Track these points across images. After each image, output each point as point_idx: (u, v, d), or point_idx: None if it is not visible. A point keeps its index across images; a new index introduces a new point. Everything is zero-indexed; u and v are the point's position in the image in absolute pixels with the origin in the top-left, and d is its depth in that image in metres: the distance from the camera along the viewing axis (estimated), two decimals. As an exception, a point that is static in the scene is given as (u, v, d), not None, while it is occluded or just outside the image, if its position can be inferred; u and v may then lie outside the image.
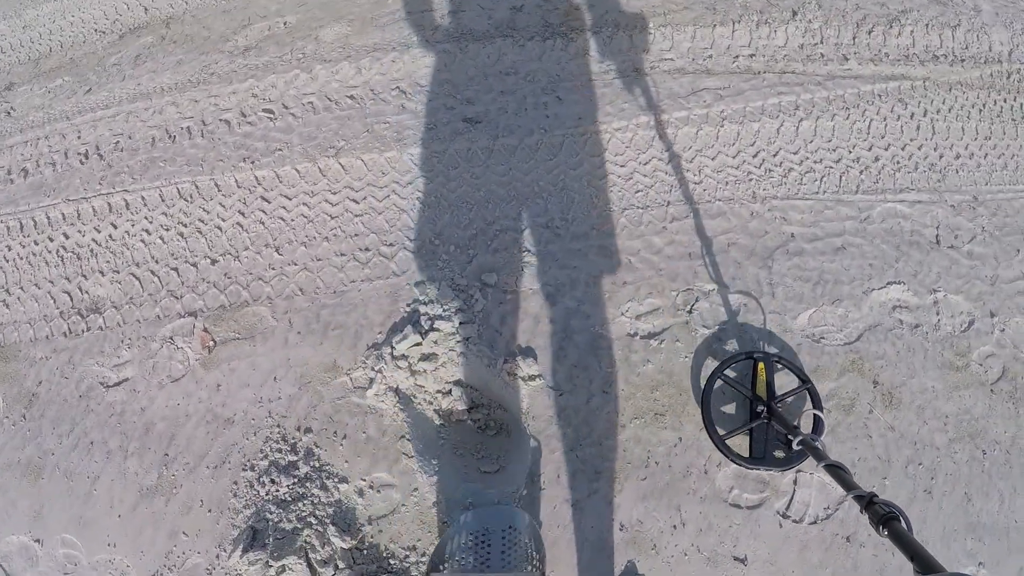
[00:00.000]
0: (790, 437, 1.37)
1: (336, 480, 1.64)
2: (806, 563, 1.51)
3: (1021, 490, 1.65)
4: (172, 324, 1.96)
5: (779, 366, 1.65)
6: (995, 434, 1.70)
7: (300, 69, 2.25)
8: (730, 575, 1.50)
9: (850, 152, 1.95)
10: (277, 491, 1.66)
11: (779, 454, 1.57)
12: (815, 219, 1.84)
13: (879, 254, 1.84)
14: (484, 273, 1.75)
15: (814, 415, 1.56)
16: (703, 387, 1.60)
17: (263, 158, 2.06)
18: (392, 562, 1.56)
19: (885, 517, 0.97)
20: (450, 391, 1.64)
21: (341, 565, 1.56)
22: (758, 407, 1.57)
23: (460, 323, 1.67)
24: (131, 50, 2.66)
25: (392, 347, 1.67)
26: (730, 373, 1.63)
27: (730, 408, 1.66)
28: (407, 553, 1.56)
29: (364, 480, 1.63)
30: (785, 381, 1.65)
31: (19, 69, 2.85)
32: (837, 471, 1.13)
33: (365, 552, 1.59)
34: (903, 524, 0.97)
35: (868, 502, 1.02)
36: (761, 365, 1.61)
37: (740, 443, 1.58)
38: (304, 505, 1.63)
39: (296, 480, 1.66)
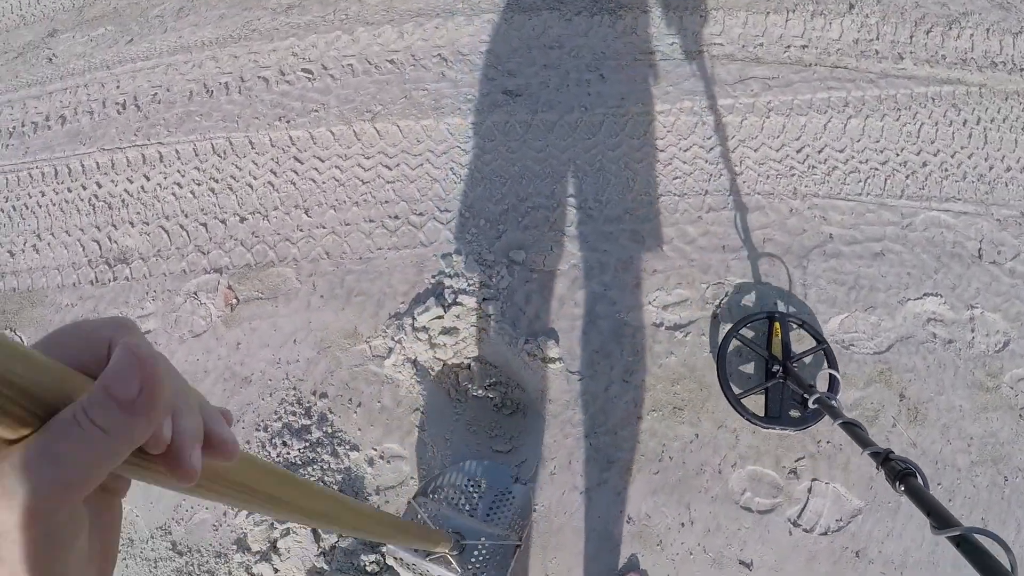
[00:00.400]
0: (806, 396, 1.32)
1: (347, 447, 1.63)
2: (813, 574, 1.47)
3: (1041, 518, 1.59)
4: (197, 279, 1.96)
5: (795, 326, 1.60)
6: (1019, 461, 1.64)
7: (342, 30, 2.21)
8: (735, 578, 1.47)
9: (897, 155, 1.87)
10: (288, 454, 1.66)
11: (794, 413, 1.53)
12: (856, 221, 1.76)
13: (918, 263, 1.76)
14: (512, 250, 1.71)
15: (830, 375, 1.52)
16: (719, 345, 1.56)
17: (299, 118, 2.03)
18: (398, 532, 1.55)
19: (902, 473, 0.93)
20: (469, 366, 1.61)
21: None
22: (774, 367, 1.52)
23: (484, 299, 1.63)
24: (174, 2, 2.63)
25: (414, 318, 1.64)
26: (747, 333, 1.60)
27: (747, 368, 1.62)
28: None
29: (375, 450, 1.62)
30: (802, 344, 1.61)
31: (63, 16, 2.85)
32: (853, 428, 1.09)
33: (372, 520, 1.57)
34: (919, 480, 0.93)
35: (884, 458, 0.98)
36: (777, 325, 1.57)
37: (756, 403, 1.54)
38: (313, 470, 1.62)
39: (308, 444, 1.65)
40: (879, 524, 1.54)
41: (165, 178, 2.16)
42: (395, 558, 1.46)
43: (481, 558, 1.31)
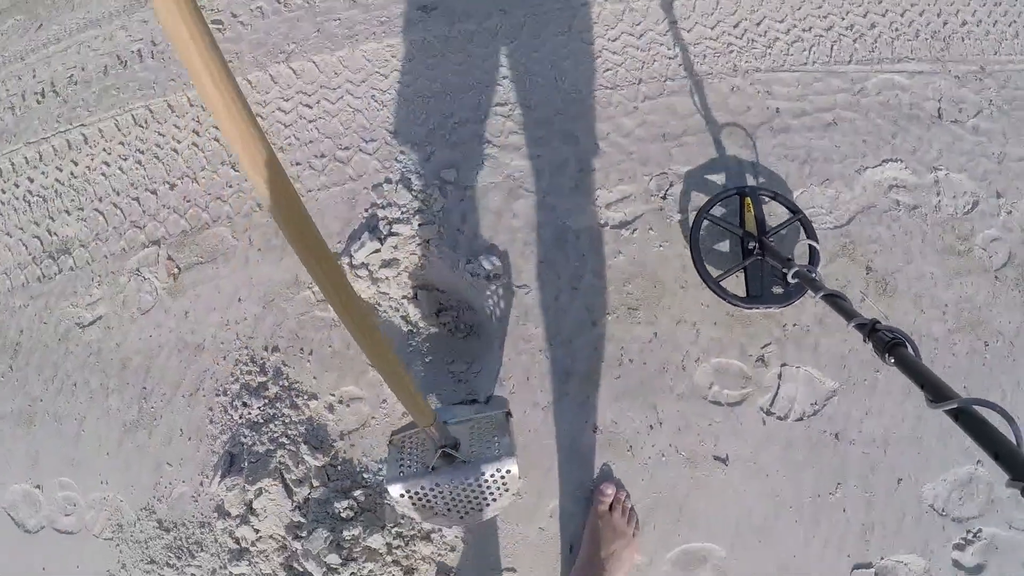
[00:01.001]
0: (785, 270, 1.23)
1: (306, 398, 1.56)
2: (791, 462, 1.40)
3: (1025, 384, 1.51)
4: (137, 255, 1.87)
5: (767, 199, 1.51)
6: (998, 324, 1.55)
7: (247, -23, 2.06)
8: (710, 476, 1.40)
9: (843, 19, 1.73)
10: (249, 414, 1.59)
11: (777, 290, 1.45)
12: (803, 92, 1.64)
13: (874, 129, 1.65)
14: (443, 170, 1.60)
15: (809, 246, 1.43)
16: (690, 229, 1.46)
17: (212, 73, 1.90)
18: (366, 476, 1.49)
19: (891, 344, 0.84)
20: (415, 296, 1.52)
21: (316, 483, 1.49)
22: (750, 244, 1.43)
23: (419, 225, 1.53)
24: (79, -21, 2.48)
25: (351, 256, 1.55)
26: (717, 213, 1.51)
27: (723, 247, 1.54)
28: (380, 466, 1.48)
29: (333, 395, 1.55)
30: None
31: (-29, 14, 2.70)
32: (836, 300, 1.01)
33: (339, 468, 1.51)
34: (910, 350, 0.84)
35: (871, 329, 0.89)
36: (748, 200, 1.47)
37: (735, 285, 1.46)
38: (276, 426, 1.56)
39: (266, 401, 1.58)
40: (856, 404, 1.46)
41: (92, 159, 2.05)
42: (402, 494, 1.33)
43: (478, 434, 1.21)
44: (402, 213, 1.55)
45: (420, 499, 1.23)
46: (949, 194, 1.65)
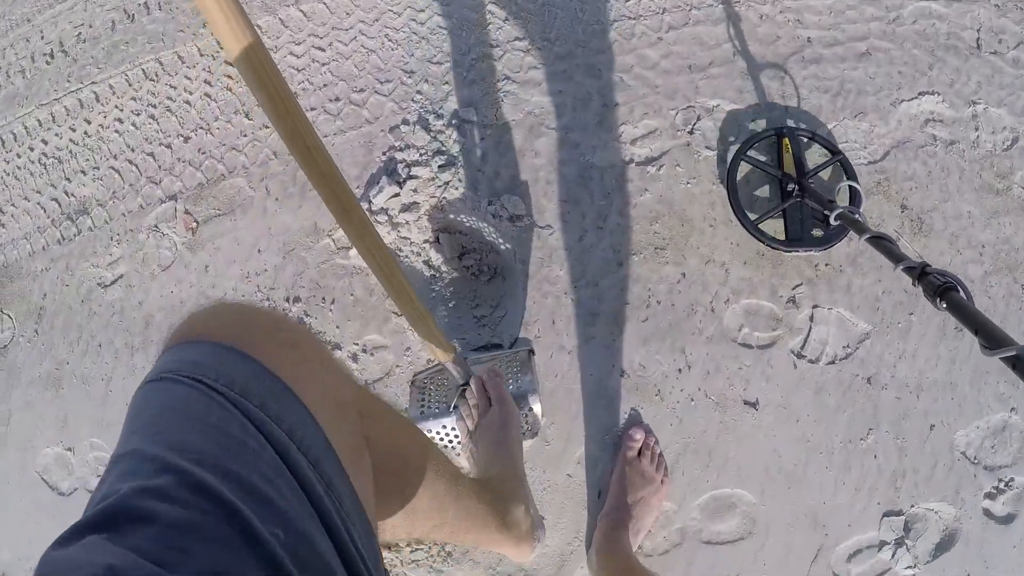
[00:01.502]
0: (826, 212, 1.18)
1: (330, 348, 1.53)
2: (822, 406, 1.36)
3: (1063, 330, 1.45)
4: (155, 211, 1.84)
5: (806, 140, 1.44)
6: None
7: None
8: (740, 420, 1.36)
9: (877, -56, 1.63)
10: (274, 366, 1.58)
11: (817, 233, 1.39)
12: (835, 21, 1.55)
13: (909, 60, 1.56)
14: (462, 108, 1.54)
15: (850, 187, 1.37)
16: (727, 170, 1.40)
17: (222, 21, 1.84)
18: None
19: (942, 287, 0.79)
20: (437, 240, 1.48)
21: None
22: (788, 186, 1.37)
23: (439, 166, 1.48)
24: (82, -66, 2.41)
25: (370, 202, 1.51)
26: (755, 156, 1.46)
27: (761, 191, 1.48)
28: (403, 411, 1.46)
29: (357, 344, 1.52)
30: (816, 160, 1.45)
31: (-23, -24, 2.64)
32: (883, 243, 0.95)
33: (364, 417, 1.50)
34: (962, 294, 0.79)
35: (921, 272, 0.84)
36: (786, 141, 1.40)
37: (774, 228, 1.41)
38: (301, 377, 1.54)
39: (290, 351, 1.56)
40: (889, 347, 1.41)
41: (105, 117, 2.02)
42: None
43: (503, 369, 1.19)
44: (421, 155, 1.50)
45: (442, 438, 1.22)
46: (988, 129, 1.57)
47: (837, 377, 1.39)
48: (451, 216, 1.46)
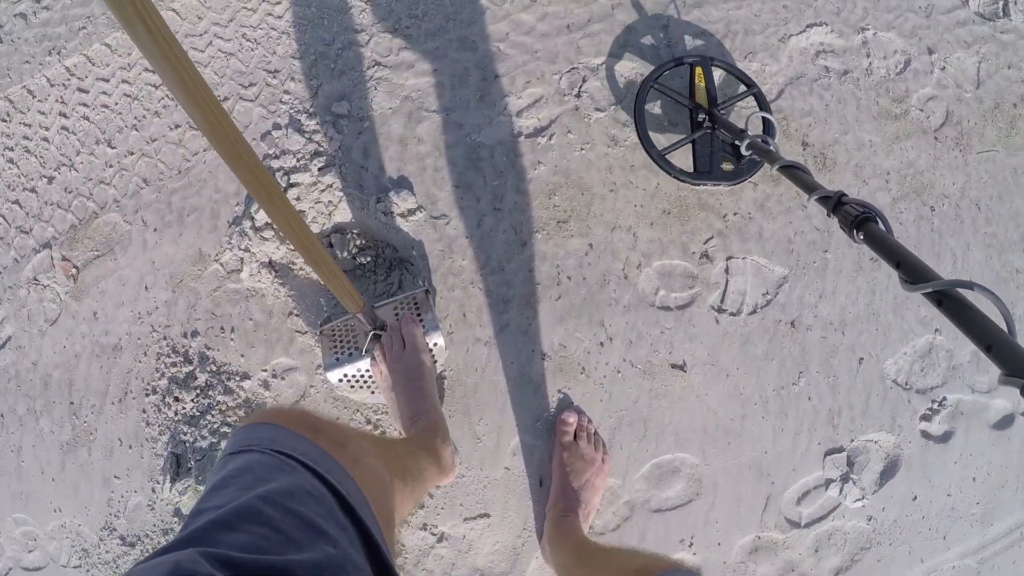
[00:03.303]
0: (737, 143, 1.10)
1: (238, 379, 1.39)
2: (750, 357, 1.31)
3: (975, 246, 1.43)
4: (31, 263, 1.64)
5: (718, 71, 1.37)
6: (943, 187, 1.46)
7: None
8: (670, 385, 1.29)
9: None
10: (183, 408, 1.42)
11: (727, 166, 1.31)
12: (711, -39, 1.47)
13: (792, -7, 1.50)
14: (334, 103, 1.39)
15: (763, 118, 1.29)
16: (635, 98, 1.29)
17: (68, 43, 1.63)
18: (316, 446, 1.34)
19: (859, 219, 0.72)
20: (330, 244, 1.34)
21: (267, 465, 1.34)
22: (699, 116, 1.28)
23: (319, 169, 1.34)
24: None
25: (252, 218, 1.36)
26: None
27: (671, 121, 1.40)
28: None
29: (265, 370, 1.38)
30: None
31: None
32: (795, 172, 0.89)
33: (286, 443, 1.36)
34: (880, 225, 0.71)
35: (837, 203, 0.76)
36: (699, 70, 1.31)
37: (685, 164, 1.31)
38: (214, 416, 1.39)
39: (198, 391, 1.41)
40: (808, 288, 1.37)
41: (-39, 169, 1.79)
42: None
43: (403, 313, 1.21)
44: (298, 160, 1.35)
45: (357, 381, 1.25)
46: (879, 55, 1.53)
47: (761, 326, 1.33)
48: (338, 220, 1.32)
